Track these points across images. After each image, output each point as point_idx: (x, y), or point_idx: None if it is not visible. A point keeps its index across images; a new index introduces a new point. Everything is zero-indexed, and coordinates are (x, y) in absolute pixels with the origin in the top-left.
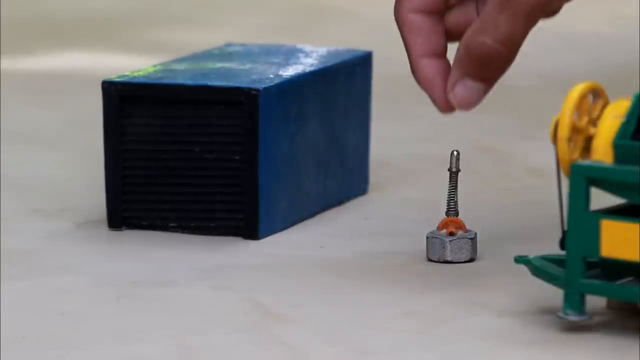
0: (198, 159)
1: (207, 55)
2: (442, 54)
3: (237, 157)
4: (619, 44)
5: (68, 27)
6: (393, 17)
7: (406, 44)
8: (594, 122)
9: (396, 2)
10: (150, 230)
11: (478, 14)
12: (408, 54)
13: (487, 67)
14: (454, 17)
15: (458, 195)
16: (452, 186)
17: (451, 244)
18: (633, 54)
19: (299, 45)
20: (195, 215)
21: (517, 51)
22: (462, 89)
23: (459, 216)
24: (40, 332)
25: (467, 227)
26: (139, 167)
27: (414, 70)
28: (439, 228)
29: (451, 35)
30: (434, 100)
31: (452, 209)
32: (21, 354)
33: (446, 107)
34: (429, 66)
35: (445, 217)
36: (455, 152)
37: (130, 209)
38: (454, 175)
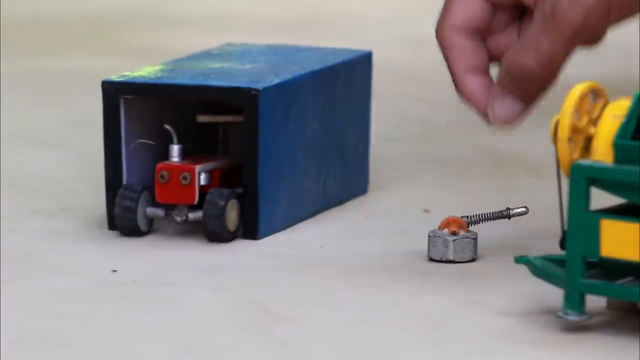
0: None
1: (207, 55)
2: (485, 70)
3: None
4: (619, 44)
5: (68, 27)
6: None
7: (449, 61)
8: (594, 122)
9: (438, 21)
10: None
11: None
12: (451, 71)
13: (527, 87)
14: (496, 41)
15: (488, 220)
16: (496, 216)
17: (454, 244)
18: (633, 54)
19: (299, 45)
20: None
21: (558, 73)
22: (501, 105)
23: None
24: (40, 332)
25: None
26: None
27: (457, 86)
28: (441, 227)
29: (493, 58)
30: (479, 115)
31: (469, 219)
32: (21, 354)
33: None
34: (472, 82)
35: (460, 218)
36: (525, 209)
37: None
38: (505, 215)
